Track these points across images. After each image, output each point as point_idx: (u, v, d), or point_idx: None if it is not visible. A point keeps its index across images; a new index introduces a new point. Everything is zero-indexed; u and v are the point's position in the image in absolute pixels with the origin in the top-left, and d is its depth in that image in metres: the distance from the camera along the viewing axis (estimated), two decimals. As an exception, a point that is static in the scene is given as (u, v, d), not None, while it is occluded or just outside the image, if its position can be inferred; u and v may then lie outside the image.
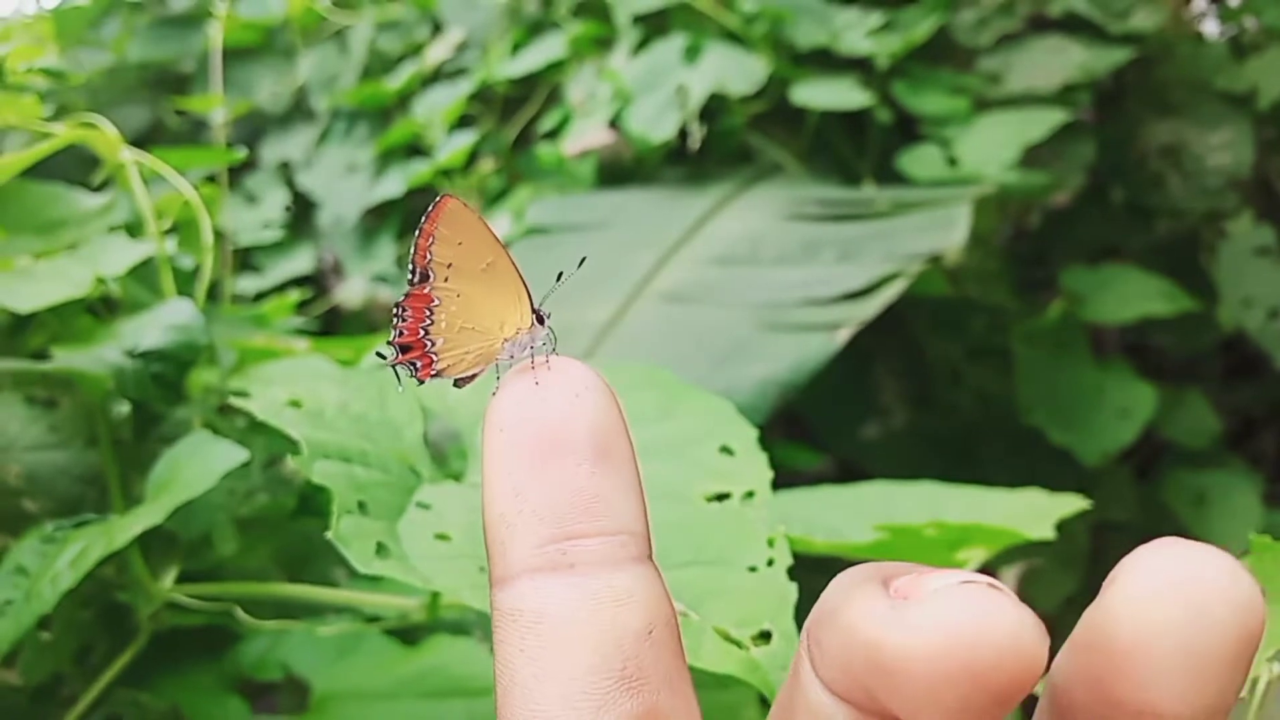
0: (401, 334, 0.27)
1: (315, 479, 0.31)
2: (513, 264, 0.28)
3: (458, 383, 0.28)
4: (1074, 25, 1.28)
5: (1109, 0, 1.30)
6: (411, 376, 0.28)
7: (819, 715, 0.20)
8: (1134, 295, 1.15)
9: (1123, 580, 0.17)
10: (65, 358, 0.45)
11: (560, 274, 0.29)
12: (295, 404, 0.36)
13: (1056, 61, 1.27)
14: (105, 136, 0.54)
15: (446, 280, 0.28)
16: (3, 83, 0.61)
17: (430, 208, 0.27)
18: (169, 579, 0.46)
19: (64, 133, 0.50)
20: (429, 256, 0.27)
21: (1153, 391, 1.11)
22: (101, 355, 0.45)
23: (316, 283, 1.59)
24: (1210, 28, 1.47)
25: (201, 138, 1.63)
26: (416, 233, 0.27)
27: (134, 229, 0.56)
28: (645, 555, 0.22)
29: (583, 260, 0.33)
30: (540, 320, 0.28)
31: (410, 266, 0.27)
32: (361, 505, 0.32)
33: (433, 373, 0.28)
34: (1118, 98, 1.37)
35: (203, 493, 0.38)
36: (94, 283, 0.49)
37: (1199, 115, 1.29)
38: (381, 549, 0.30)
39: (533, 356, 0.25)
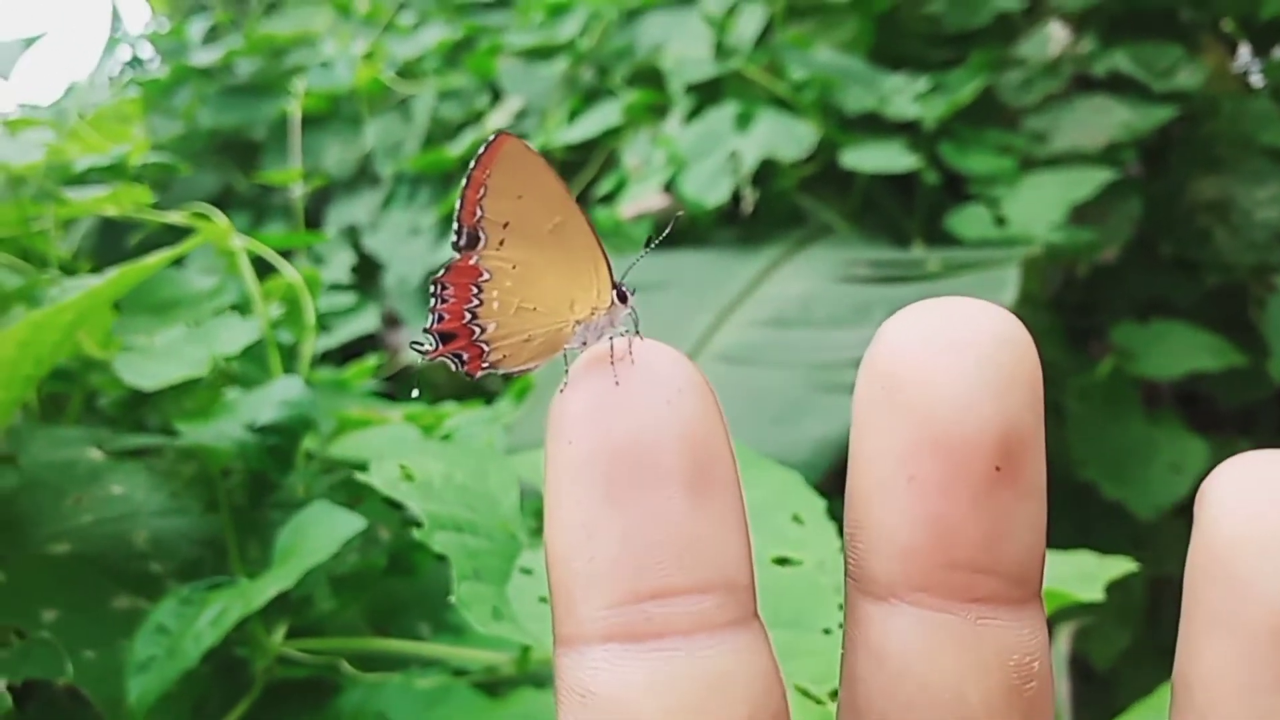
0: (441, 318, 0.22)
1: (436, 549, 0.35)
2: (588, 224, 0.21)
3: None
4: (1118, 84, 1.31)
5: (1153, 59, 1.33)
6: (459, 370, 0.22)
7: (884, 647, 0.17)
8: (1183, 350, 1.17)
9: (1211, 499, 0.16)
10: (190, 432, 0.50)
11: (649, 238, 0.24)
12: (408, 477, 0.40)
13: (1101, 120, 1.29)
14: (217, 226, 0.60)
15: (502, 244, 0.21)
16: (120, 174, 0.67)
17: (482, 149, 0.21)
18: (279, 635, 0.50)
19: (192, 232, 0.55)
20: (479, 212, 0.21)
21: (1204, 446, 1.12)
22: (222, 430, 0.50)
23: (376, 337, 1.65)
24: (1256, 81, 1.49)
25: (269, 201, 1.71)
26: (464, 181, 0.21)
27: (242, 308, 0.61)
28: (750, 614, 0.18)
29: (663, 233, 0.25)
30: (623, 298, 0.22)
31: (455, 225, 0.21)
32: (476, 572, 0.35)
33: (484, 366, 0.22)
34: (1164, 153, 1.39)
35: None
36: (211, 362, 0.54)
37: (1245, 170, 1.31)
38: (496, 612, 0.34)
39: (612, 344, 0.19)
